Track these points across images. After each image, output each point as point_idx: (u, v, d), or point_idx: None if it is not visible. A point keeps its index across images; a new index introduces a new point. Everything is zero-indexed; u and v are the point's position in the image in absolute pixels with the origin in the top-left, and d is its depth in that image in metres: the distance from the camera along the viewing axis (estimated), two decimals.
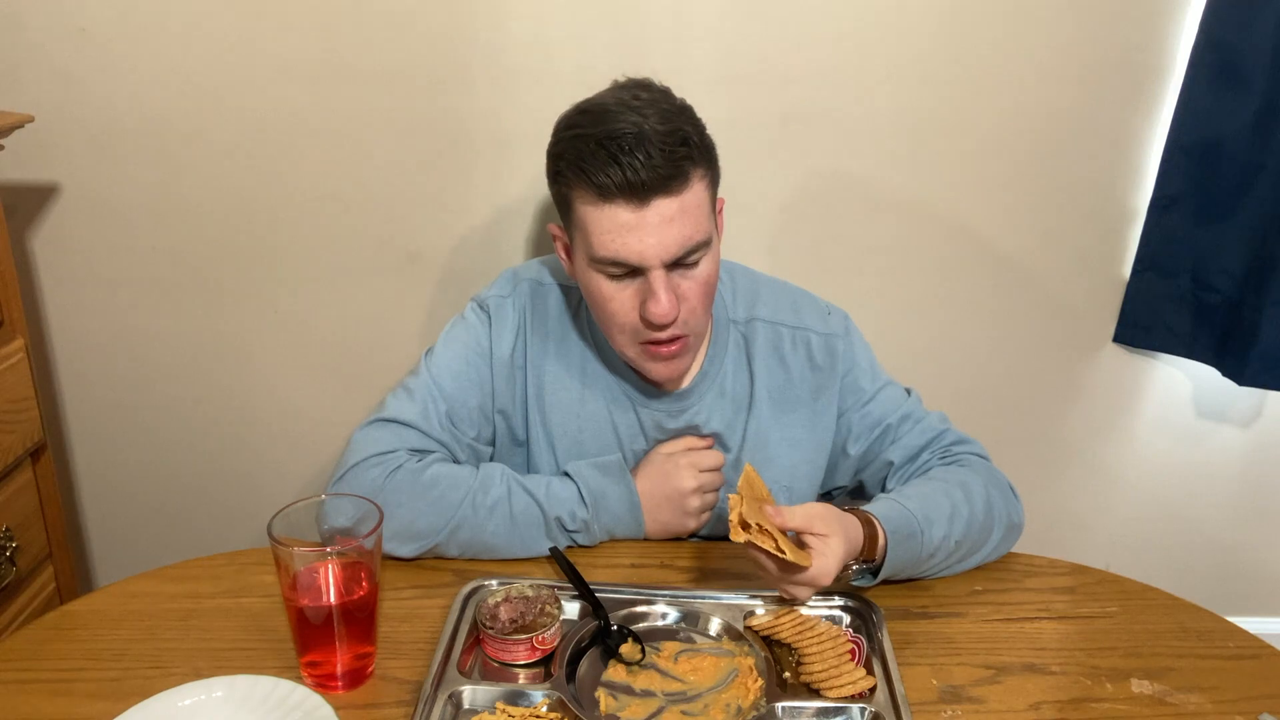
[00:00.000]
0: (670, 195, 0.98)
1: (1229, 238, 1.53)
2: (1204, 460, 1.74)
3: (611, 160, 0.96)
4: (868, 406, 1.18)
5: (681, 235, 0.99)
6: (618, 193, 0.97)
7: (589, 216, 1.00)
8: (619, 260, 1.00)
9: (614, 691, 0.88)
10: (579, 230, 1.03)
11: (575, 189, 1.01)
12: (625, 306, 1.03)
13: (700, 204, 1.01)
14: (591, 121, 1.00)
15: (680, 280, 1.03)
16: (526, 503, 1.06)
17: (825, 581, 0.93)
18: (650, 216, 0.98)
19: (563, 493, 1.08)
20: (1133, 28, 1.45)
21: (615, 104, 1.00)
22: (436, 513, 1.04)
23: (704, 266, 1.04)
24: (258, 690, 0.84)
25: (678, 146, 0.97)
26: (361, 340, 1.59)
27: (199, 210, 1.49)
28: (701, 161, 1.01)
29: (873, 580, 1.00)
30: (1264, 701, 0.90)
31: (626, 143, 0.96)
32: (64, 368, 1.59)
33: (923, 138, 1.50)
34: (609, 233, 0.99)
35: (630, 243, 0.98)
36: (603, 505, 1.09)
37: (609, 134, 0.97)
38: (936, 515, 1.02)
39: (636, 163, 0.95)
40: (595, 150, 0.97)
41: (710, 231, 1.04)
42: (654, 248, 0.99)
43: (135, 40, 1.39)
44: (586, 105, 1.03)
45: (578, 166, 0.99)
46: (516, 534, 1.06)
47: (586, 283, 1.06)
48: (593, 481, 1.09)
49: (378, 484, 1.04)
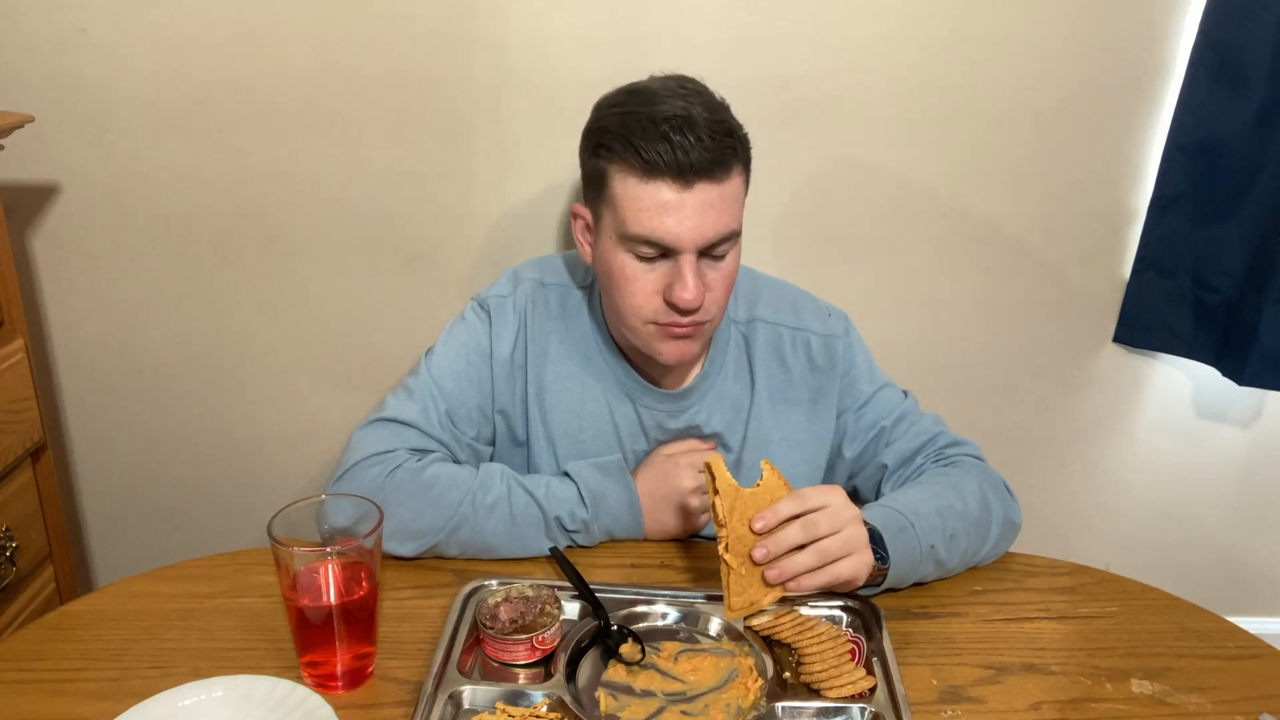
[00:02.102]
0: (713, 181, 0.99)
1: (1229, 238, 1.53)
2: (1204, 460, 1.74)
3: (663, 138, 0.96)
4: (864, 409, 1.18)
5: (719, 222, 1.00)
6: (665, 170, 0.97)
7: (629, 192, 1.00)
8: (653, 239, 1.00)
9: (614, 691, 0.88)
10: (612, 207, 1.03)
11: (618, 163, 1.00)
12: (648, 289, 1.03)
13: (737, 196, 1.03)
14: (640, 101, 1.01)
15: (707, 270, 1.03)
16: (526, 502, 1.06)
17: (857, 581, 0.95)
18: (691, 200, 0.98)
19: (562, 493, 1.08)
20: (1133, 28, 1.45)
21: (662, 89, 1.02)
22: (436, 512, 1.04)
23: (730, 260, 1.05)
24: (258, 690, 0.84)
25: (724, 135, 0.99)
26: (361, 340, 1.59)
27: (199, 210, 1.49)
28: (742, 156, 1.03)
29: (878, 589, 1.00)
30: (1264, 701, 0.90)
31: (678, 123, 0.97)
32: (64, 368, 1.59)
33: (923, 138, 1.50)
34: (648, 210, 0.99)
35: (669, 223, 0.99)
36: (602, 506, 1.09)
37: (660, 114, 0.98)
38: (924, 509, 1.02)
39: (687, 143, 0.96)
40: (647, 126, 0.97)
41: (742, 223, 1.05)
42: (691, 231, 0.99)
43: (135, 40, 1.39)
44: (632, 87, 1.05)
45: (625, 140, 0.98)
46: (516, 533, 1.06)
47: (609, 262, 1.05)
48: (593, 482, 1.09)
49: (377, 483, 1.04)
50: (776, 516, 0.93)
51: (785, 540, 0.93)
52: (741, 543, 0.93)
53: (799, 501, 0.94)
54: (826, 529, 0.93)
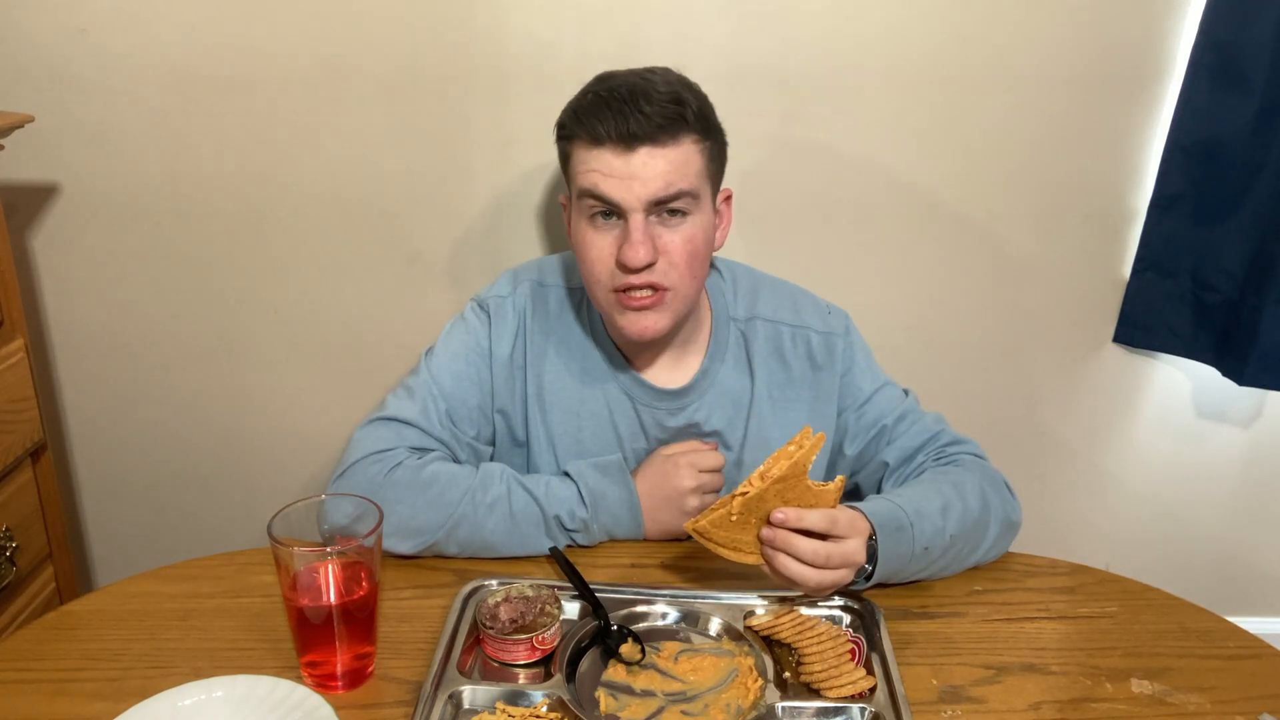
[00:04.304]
0: (657, 146, 1.02)
1: (1229, 238, 1.53)
2: (1204, 460, 1.74)
3: (606, 107, 1.02)
4: (865, 407, 1.18)
5: (664, 181, 1.02)
6: (607, 138, 1.02)
7: (581, 159, 1.05)
8: (598, 193, 1.03)
9: (614, 691, 0.88)
10: (572, 180, 1.07)
11: (575, 140, 1.06)
12: (604, 254, 1.06)
13: (689, 163, 1.04)
14: (598, 82, 1.08)
15: (662, 231, 1.05)
16: (526, 501, 1.06)
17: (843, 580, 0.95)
18: (635, 162, 1.02)
19: (562, 492, 1.08)
20: (1133, 28, 1.45)
21: (624, 72, 1.08)
22: (435, 509, 1.04)
23: (689, 227, 1.06)
24: (258, 690, 0.84)
25: (671, 104, 1.02)
26: (361, 340, 1.59)
27: (199, 210, 1.49)
28: (696, 129, 1.05)
29: (865, 583, 0.99)
30: (1264, 701, 0.90)
31: (622, 94, 1.02)
32: (64, 368, 1.59)
33: (922, 138, 1.50)
34: (595, 171, 1.03)
35: (613, 184, 1.03)
36: (602, 506, 1.09)
37: (609, 89, 1.03)
38: (927, 509, 1.02)
39: (628, 110, 1.01)
40: (594, 102, 1.04)
41: (700, 188, 1.06)
42: (635, 190, 1.02)
43: (135, 40, 1.39)
44: (599, 75, 1.10)
45: (576, 116, 1.05)
46: (515, 532, 1.06)
47: (576, 236, 1.09)
48: (592, 482, 1.09)
49: (377, 481, 1.04)
50: (799, 522, 0.93)
51: (795, 548, 0.93)
52: (761, 504, 0.93)
53: (829, 524, 0.94)
54: (834, 563, 0.93)
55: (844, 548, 0.94)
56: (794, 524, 0.93)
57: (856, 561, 0.95)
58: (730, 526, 0.95)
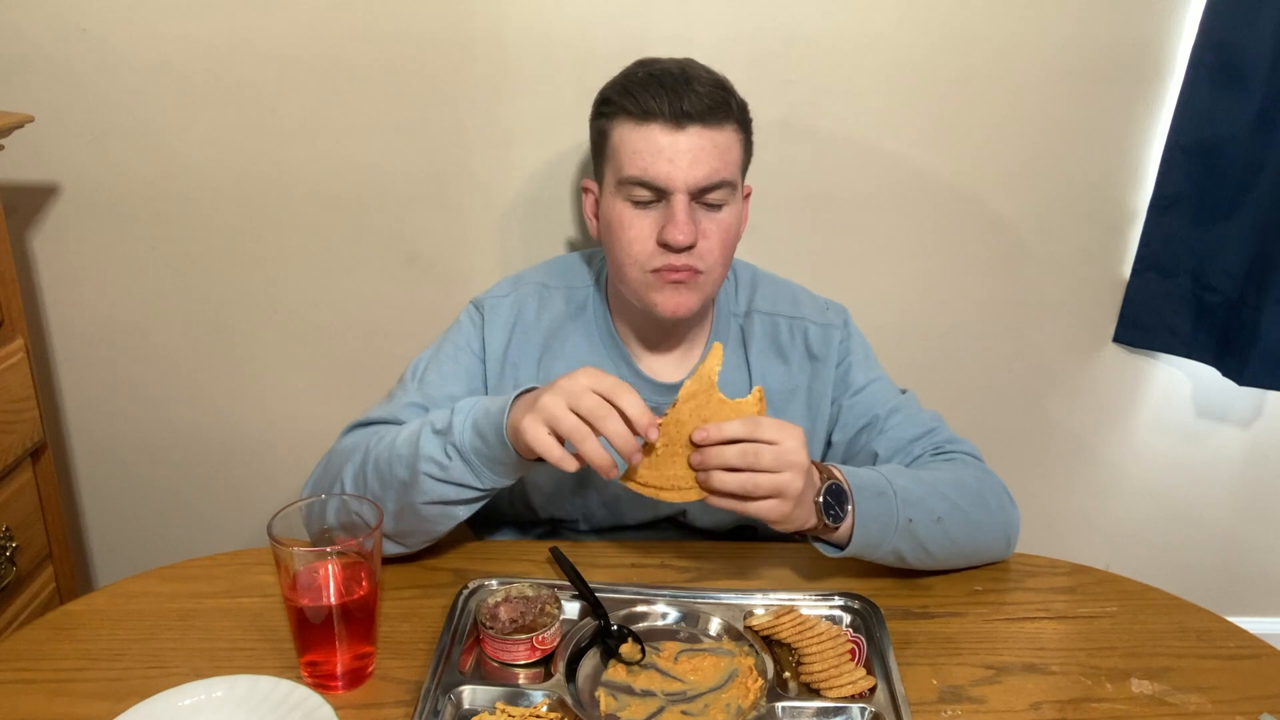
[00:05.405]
0: (707, 127, 1.02)
1: (1229, 238, 1.53)
2: (1204, 460, 1.74)
3: (658, 84, 1.02)
4: (858, 396, 1.17)
5: (710, 167, 1.03)
6: (659, 114, 1.02)
7: (625, 138, 1.04)
8: (646, 179, 1.03)
9: (614, 691, 0.88)
10: (612, 159, 1.07)
11: (617, 116, 1.05)
12: (643, 234, 1.05)
13: (732, 150, 1.06)
14: (640, 65, 1.09)
15: (702, 217, 1.05)
16: (412, 429, 0.99)
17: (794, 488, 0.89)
18: (684, 142, 1.02)
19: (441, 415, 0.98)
20: (1133, 28, 1.45)
21: (666, 59, 1.09)
22: (354, 450, 1.02)
23: (727, 214, 1.07)
24: (258, 690, 0.84)
25: (719, 90, 1.04)
26: (361, 340, 1.59)
27: (199, 210, 1.49)
28: (738, 120, 1.06)
29: (839, 551, 0.97)
30: (1264, 701, 0.90)
31: (672, 73, 1.03)
32: (64, 368, 1.59)
33: (922, 138, 1.50)
34: (641, 152, 1.03)
35: (661, 164, 1.02)
36: (472, 403, 0.97)
37: (659, 69, 1.05)
38: (913, 486, 1.00)
39: (681, 89, 1.02)
40: (644, 79, 1.04)
41: (738, 180, 1.08)
42: (683, 170, 1.02)
43: (135, 40, 1.39)
44: (642, 59, 1.11)
45: (624, 90, 1.05)
46: (395, 452, 0.97)
47: (609, 214, 1.08)
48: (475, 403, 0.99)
49: (320, 467, 1.07)
50: (720, 434, 0.88)
51: (720, 457, 0.88)
52: (679, 427, 0.90)
53: (751, 427, 0.89)
54: (766, 465, 0.88)
55: (778, 449, 0.88)
56: (716, 438, 0.88)
57: (798, 463, 0.88)
58: (659, 464, 0.91)
